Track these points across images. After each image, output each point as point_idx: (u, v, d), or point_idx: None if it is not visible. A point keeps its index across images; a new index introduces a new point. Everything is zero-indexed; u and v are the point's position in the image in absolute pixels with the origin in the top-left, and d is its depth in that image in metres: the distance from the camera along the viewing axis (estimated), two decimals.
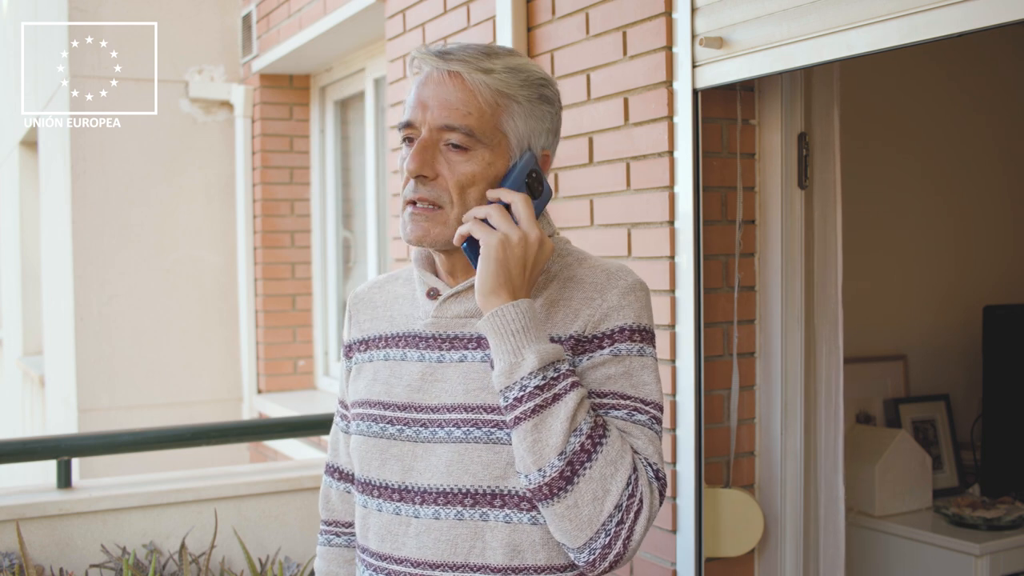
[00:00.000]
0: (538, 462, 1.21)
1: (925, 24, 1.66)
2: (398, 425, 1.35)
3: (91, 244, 4.58)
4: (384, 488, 1.35)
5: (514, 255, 1.25)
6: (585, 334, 1.29)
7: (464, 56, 1.29)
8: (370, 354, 1.43)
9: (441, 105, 1.28)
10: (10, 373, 8.01)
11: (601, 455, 1.21)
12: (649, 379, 1.31)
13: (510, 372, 1.22)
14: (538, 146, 1.34)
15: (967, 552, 2.63)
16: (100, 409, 4.58)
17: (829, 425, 2.35)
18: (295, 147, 4.84)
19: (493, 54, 1.30)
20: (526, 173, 1.32)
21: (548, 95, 1.35)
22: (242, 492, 2.75)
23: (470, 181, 1.29)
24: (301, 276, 4.88)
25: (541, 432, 1.21)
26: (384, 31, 3.56)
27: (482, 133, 1.28)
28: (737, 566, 2.29)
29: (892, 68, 3.20)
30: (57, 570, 2.52)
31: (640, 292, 1.33)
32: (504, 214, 1.26)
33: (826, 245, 2.35)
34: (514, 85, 1.30)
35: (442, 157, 1.29)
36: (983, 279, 3.45)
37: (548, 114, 1.35)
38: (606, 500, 1.21)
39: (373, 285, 1.51)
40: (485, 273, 1.24)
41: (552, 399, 1.21)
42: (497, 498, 1.28)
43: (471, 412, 1.30)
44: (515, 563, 1.28)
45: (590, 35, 2.44)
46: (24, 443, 2.81)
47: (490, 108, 1.29)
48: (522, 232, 1.26)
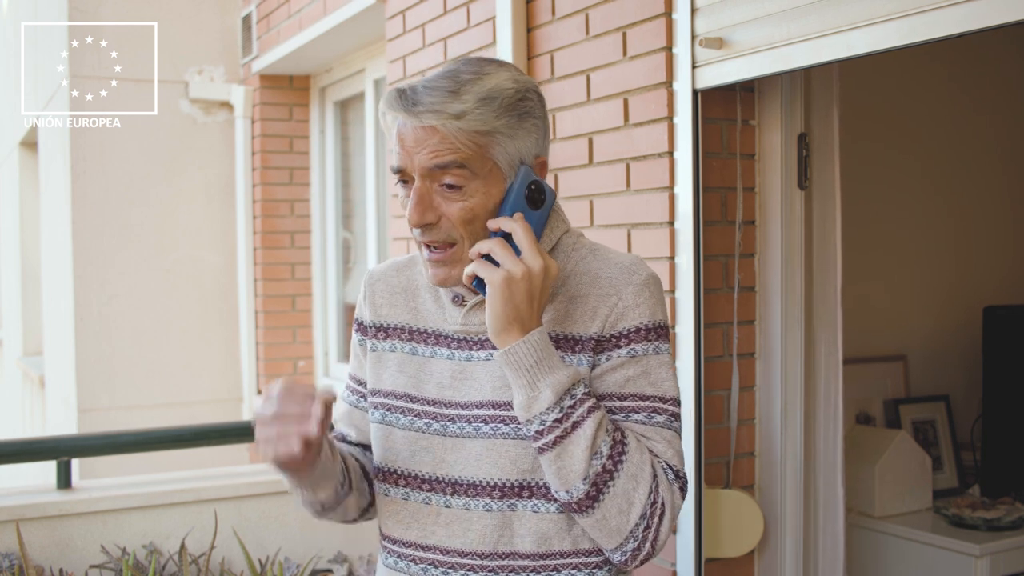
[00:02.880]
0: (564, 485, 1.27)
1: (925, 24, 1.66)
2: (426, 419, 1.38)
3: (91, 244, 4.58)
4: (413, 478, 1.39)
5: (520, 290, 1.26)
6: (604, 334, 1.33)
7: (433, 105, 1.26)
8: (391, 343, 1.45)
9: (426, 152, 1.27)
10: (10, 373, 8.01)
11: (623, 472, 1.27)
12: (666, 375, 1.35)
13: (528, 406, 1.27)
14: (530, 157, 1.34)
15: (967, 553, 2.63)
16: (100, 409, 4.57)
17: (829, 426, 2.35)
18: (295, 147, 4.84)
19: (461, 88, 1.27)
20: (525, 187, 1.32)
21: (529, 107, 1.33)
22: (242, 492, 2.75)
23: (472, 216, 1.30)
24: (301, 277, 4.87)
25: (564, 460, 1.26)
26: (384, 32, 3.56)
27: (474, 166, 1.28)
28: (737, 567, 2.29)
29: (892, 68, 3.20)
30: (57, 570, 2.52)
31: (654, 287, 1.36)
32: (505, 248, 1.28)
33: (826, 246, 2.35)
34: (490, 119, 1.28)
35: (440, 198, 1.30)
36: (983, 280, 3.45)
37: (534, 126, 1.34)
38: (631, 512, 1.28)
39: (391, 266, 1.51)
40: (493, 313, 1.27)
41: (571, 428, 1.26)
42: (525, 490, 1.33)
43: (499, 409, 1.34)
44: (543, 550, 1.34)
45: (590, 36, 2.44)
46: (24, 443, 2.81)
47: (473, 149, 1.28)
48: (525, 267, 1.26)
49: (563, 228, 1.41)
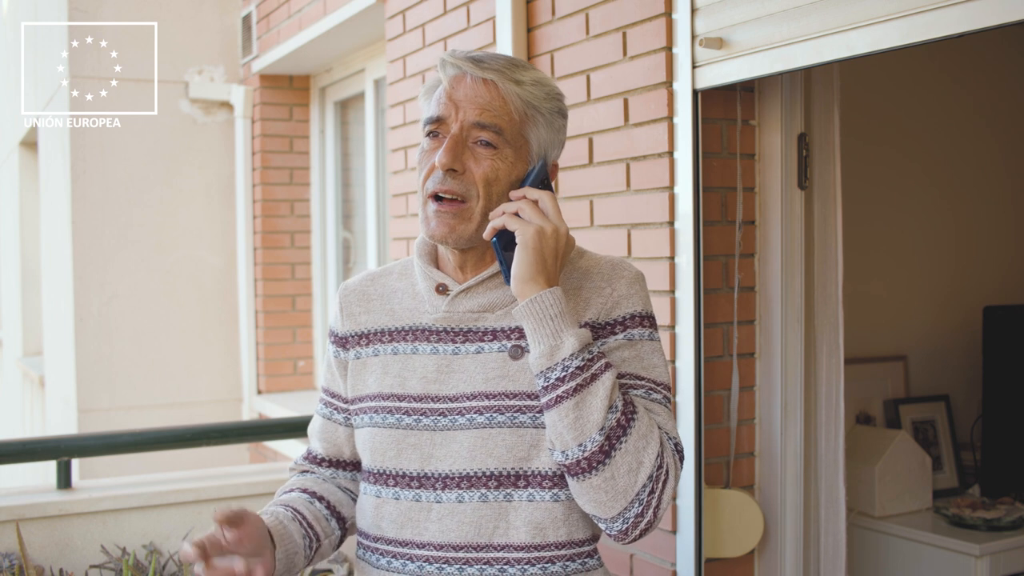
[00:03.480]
0: (578, 438, 1.28)
1: (925, 24, 1.66)
2: (414, 415, 1.40)
3: (91, 244, 4.58)
4: (401, 476, 1.40)
5: (548, 245, 1.33)
6: (599, 321, 1.38)
7: (497, 66, 1.37)
8: (374, 348, 1.47)
9: (475, 105, 1.36)
10: (10, 373, 8.01)
11: (634, 430, 1.30)
12: (659, 362, 1.41)
13: (551, 354, 1.30)
14: (551, 156, 1.45)
15: (967, 553, 2.63)
16: (100, 409, 4.58)
17: (829, 426, 2.35)
18: (295, 147, 4.84)
19: (521, 67, 1.40)
20: (539, 180, 1.40)
21: (563, 110, 1.45)
22: (242, 492, 2.74)
23: (495, 178, 1.37)
24: (301, 277, 4.88)
25: (583, 410, 1.28)
26: (384, 32, 3.56)
27: (510, 135, 1.38)
28: (737, 567, 2.29)
29: (892, 68, 3.20)
30: (57, 570, 2.52)
31: (643, 282, 1.44)
32: (536, 208, 1.35)
33: (826, 246, 2.35)
34: (540, 98, 1.40)
35: (470, 153, 1.37)
36: (983, 279, 3.45)
37: (562, 127, 1.45)
38: (640, 471, 1.29)
39: (365, 278, 1.55)
40: (523, 262, 1.32)
41: (591, 378, 1.29)
42: (521, 478, 1.35)
43: (493, 399, 1.36)
44: (537, 540, 1.35)
45: (590, 36, 2.44)
46: (24, 443, 2.80)
47: (519, 116, 1.38)
48: (554, 224, 1.34)
49: None
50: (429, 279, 1.45)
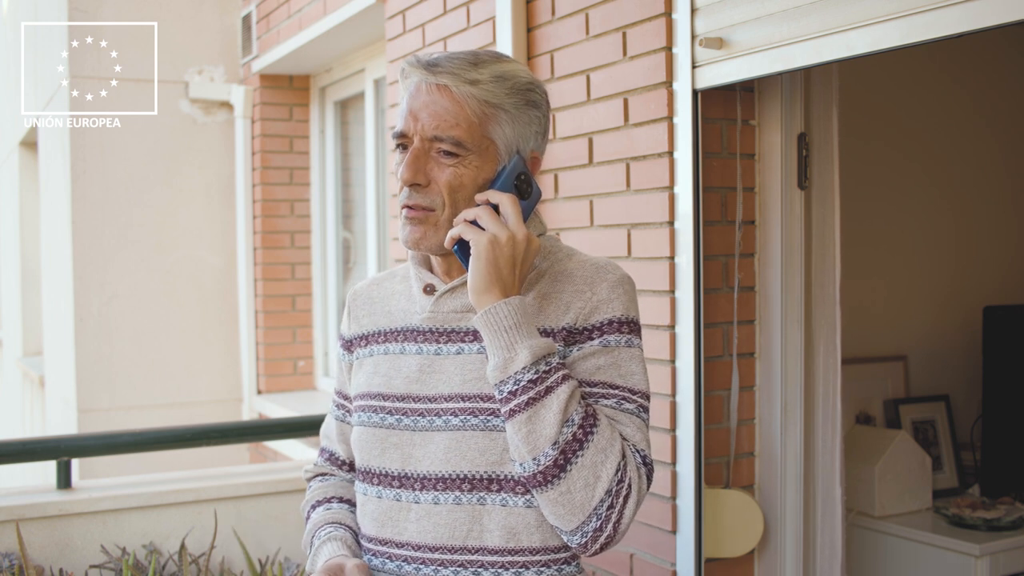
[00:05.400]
0: (532, 451, 1.27)
1: (925, 24, 1.66)
2: (396, 415, 1.40)
3: (91, 244, 4.58)
4: (384, 475, 1.41)
5: (503, 254, 1.30)
6: (576, 326, 1.35)
7: (451, 68, 1.34)
8: (370, 348, 1.49)
9: (431, 116, 1.33)
10: (10, 373, 8.01)
11: (592, 444, 1.27)
12: (637, 369, 1.37)
13: (504, 367, 1.28)
14: (526, 149, 1.40)
15: (967, 553, 2.63)
16: (100, 409, 4.57)
17: (828, 426, 2.35)
18: (295, 147, 4.84)
19: (480, 63, 1.35)
20: (515, 176, 1.37)
21: (535, 99, 1.39)
22: (242, 493, 2.74)
23: (459, 185, 1.35)
24: (301, 277, 4.87)
25: (535, 423, 1.26)
26: (384, 32, 3.56)
27: (470, 142, 1.34)
28: (737, 567, 2.29)
29: (892, 68, 3.20)
30: (57, 570, 2.52)
31: (627, 285, 1.39)
32: (492, 215, 1.32)
33: (825, 245, 2.35)
34: (500, 94, 1.35)
35: (433, 163, 1.35)
36: (983, 279, 3.45)
37: (536, 118, 1.40)
38: (597, 486, 1.27)
39: (372, 282, 1.58)
40: (476, 272, 1.30)
41: (545, 392, 1.27)
42: (494, 483, 1.34)
43: (468, 401, 1.35)
44: (511, 545, 1.34)
45: (590, 36, 2.44)
46: (24, 443, 2.80)
47: (478, 118, 1.34)
48: (510, 232, 1.31)
49: (540, 229, 1.45)
50: (419, 280, 1.45)
